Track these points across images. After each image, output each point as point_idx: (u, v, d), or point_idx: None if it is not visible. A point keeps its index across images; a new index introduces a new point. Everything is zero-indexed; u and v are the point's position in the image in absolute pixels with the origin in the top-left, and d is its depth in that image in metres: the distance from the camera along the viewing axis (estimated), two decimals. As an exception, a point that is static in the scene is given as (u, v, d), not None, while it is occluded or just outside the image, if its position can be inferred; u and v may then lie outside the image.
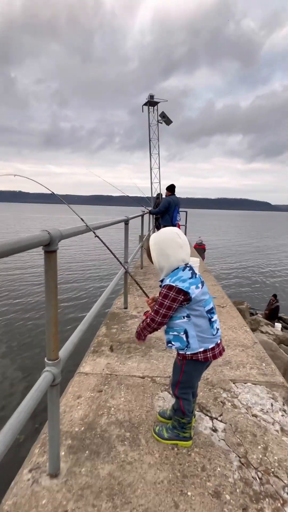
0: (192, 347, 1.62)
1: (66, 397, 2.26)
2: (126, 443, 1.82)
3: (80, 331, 1.90)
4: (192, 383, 1.76)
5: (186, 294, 1.57)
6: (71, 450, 1.76)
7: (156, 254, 1.67)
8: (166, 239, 1.65)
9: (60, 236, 1.41)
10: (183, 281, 1.57)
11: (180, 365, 1.71)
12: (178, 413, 1.77)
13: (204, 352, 1.63)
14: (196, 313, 1.61)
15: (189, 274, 1.62)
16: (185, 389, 1.75)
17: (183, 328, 1.62)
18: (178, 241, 1.63)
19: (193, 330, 1.62)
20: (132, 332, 3.45)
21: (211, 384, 2.44)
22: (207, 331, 1.63)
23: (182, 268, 1.63)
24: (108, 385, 2.41)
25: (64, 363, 1.55)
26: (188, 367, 1.69)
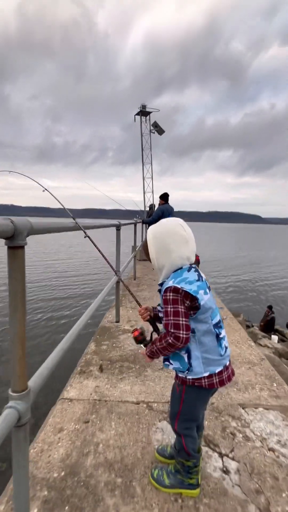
0: (195, 370, 1.28)
1: (45, 431, 1.87)
2: (116, 493, 1.44)
3: (61, 350, 1.55)
4: (196, 414, 1.40)
5: (194, 300, 1.24)
6: (46, 506, 1.37)
7: (155, 250, 1.34)
8: (168, 232, 1.33)
9: (30, 229, 1.08)
10: (190, 283, 1.25)
11: (179, 393, 1.36)
12: (181, 455, 1.41)
13: (209, 377, 1.29)
14: (203, 327, 1.28)
15: (195, 276, 1.30)
16: (187, 422, 1.39)
17: (186, 346, 1.29)
18: (183, 234, 1.32)
19: (198, 350, 1.28)
20: (124, 349, 3.08)
21: (217, 411, 2.08)
22: (214, 351, 1.30)
23: (186, 269, 1.31)
24: (96, 414, 2.03)
25: (36, 395, 1.20)
26: (190, 395, 1.34)
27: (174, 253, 1.31)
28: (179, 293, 1.24)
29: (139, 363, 2.78)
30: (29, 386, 1.14)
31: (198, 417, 1.39)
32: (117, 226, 3.63)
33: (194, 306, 1.25)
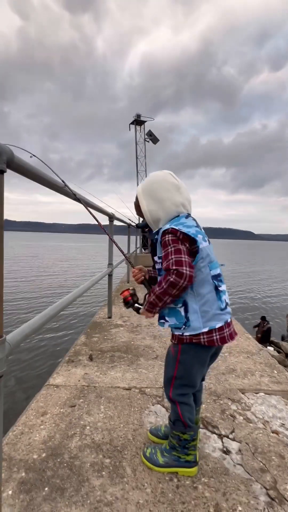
0: (193, 325, 1.16)
1: (27, 415, 1.69)
2: (104, 473, 1.28)
3: (46, 315, 1.41)
4: (192, 378, 1.24)
5: (193, 242, 1.14)
6: (23, 487, 1.20)
7: (146, 202, 1.25)
8: (158, 181, 1.25)
9: (9, 154, 0.98)
10: (188, 226, 1.16)
11: (175, 353, 1.22)
12: (177, 426, 1.26)
13: (209, 333, 1.16)
14: (200, 276, 1.17)
15: (193, 222, 1.22)
16: (183, 388, 1.24)
17: (182, 298, 1.17)
18: (174, 182, 1.24)
19: (195, 302, 1.16)
20: (116, 341, 2.92)
21: (215, 395, 1.93)
22: (213, 303, 1.17)
23: (184, 216, 1.22)
24: (83, 399, 1.86)
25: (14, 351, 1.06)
26: (186, 355, 1.20)
27: (167, 200, 1.22)
28: (177, 235, 1.14)
29: (131, 353, 2.62)
30: (5, 336, 1.01)
31: (195, 382, 1.24)
32: (110, 216, 3.53)
33: (193, 249, 1.15)
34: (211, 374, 2.22)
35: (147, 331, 3.24)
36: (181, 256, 1.11)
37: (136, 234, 10.77)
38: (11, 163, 1.01)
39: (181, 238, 1.14)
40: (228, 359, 2.53)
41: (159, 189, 1.23)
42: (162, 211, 1.23)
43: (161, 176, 1.26)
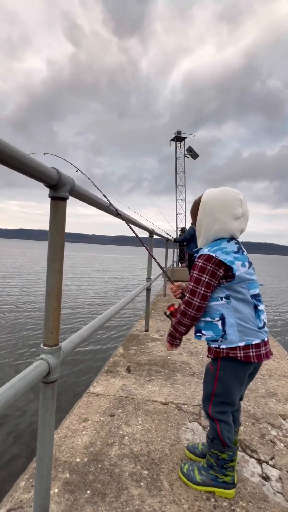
0: (230, 338, 1.19)
1: (70, 419, 1.80)
2: (142, 484, 1.32)
3: (93, 326, 1.52)
4: (231, 396, 1.25)
5: (228, 270, 1.18)
6: (67, 487, 1.29)
7: (203, 213, 1.28)
8: (222, 201, 1.24)
9: (73, 185, 1.12)
10: (226, 253, 1.20)
11: (214, 370, 1.25)
12: (215, 444, 1.27)
13: (245, 349, 1.18)
14: (239, 295, 1.21)
15: (234, 247, 1.24)
16: (222, 405, 1.26)
17: (219, 312, 1.21)
18: (237, 211, 1.23)
19: (233, 317, 1.19)
20: (153, 355, 2.96)
21: (254, 418, 1.89)
22: (251, 320, 1.20)
23: (227, 240, 1.26)
24: (122, 409, 1.93)
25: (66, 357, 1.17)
26: (224, 372, 1.23)
27: (220, 223, 1.24)
28: (211, 262, 1.19)
29: (168, 368, 2.65)
30: (60, 344, 1.13)
31: (234, 400, 1.25)
32: (150, 232, 3.65)
33: (228, 275, 1.19)
34: (250, 396, 2.18)
35: (183, 347, 3.25)
36: (198, 287, 1.19)
37: (173, 247, 10.82)
38: (72, 191, 1.15)
39: (216, 265, 1.18)
40: (268, 382, 2.45)
41: (219, 211, 1.24)
42: (209, 229, 1.26)
43: (229, 199, 1.24)
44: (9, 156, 0.76)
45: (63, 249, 1.10)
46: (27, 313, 7.68)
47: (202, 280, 1.19)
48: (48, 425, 1.09)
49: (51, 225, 1.08)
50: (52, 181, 1.01)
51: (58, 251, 1.08)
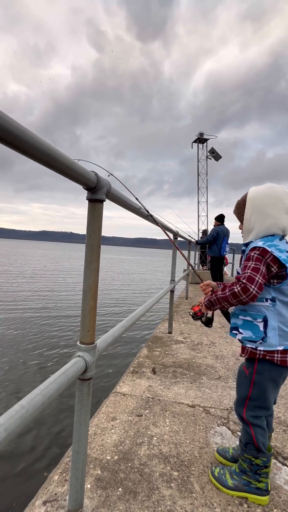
0: (269, 341, 1.16)
1: (99, 417, 1.84)
2: (173, 485, 1.32)
3: (123, 326, 1.55)
4: (266, 401, 1.23)
5: (281, 268, 1.15)
6: (99, 484, 1.31)
7: (251, 210, 1.26)
8: (272, 196, 1.23)
9: (108, 187, 1.15)
10: (280, 251, 1.16)
11: (250, 374, 1.23)
12: (249, 449, 1.25)
13: (283, 353, 1.16)
14: (285, 298, 1.18)
15: (287, 246, 1.20)
16: (257, 410, 1.24)
17: (263, 314, 1.18)
18: (287, 204, 1.22)
19: (275, 320, 1.17)
20: (178, 357, 2.95)
21: (285, 425, 1.84)
22: None
23: (278, 237, 1.22)
24: (149, 410, 1.94)
25: (101, 355, 1.20)
26: (261, 376, 1.20)
27: (272, 219, 1.22)
28: (267, 256, 1.15)
29: (194, 371, 2.63)
30: (96, 342, 1.16)
31: (269, 404, 1.23)
32: (175, 234, 3.65)
33: (280, 274, 1.16)
34: (280, 402, 2.12)
35: (208, 350, 3.21)
36: (256, 274, 1.13)
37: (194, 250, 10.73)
38: (108, 193, 1.18)
39: (270, 260, 1.15)
40: (298, 388, 2.37)
41: (270, 205, 1.23)
42: (261, 225, 1.24)
43: (278, 193, 1.23)
44: (56, 160, 0.80)
45: (100, 249, 1.13)
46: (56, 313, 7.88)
47: (261, 269, 1.14)
48: (83, 421, 1.12)
49: (88, 226, 1.11)
50: (91, 184, 1.05)
51: (95, 251, 1.11)
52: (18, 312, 7.69)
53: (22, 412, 0.74)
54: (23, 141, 0.65)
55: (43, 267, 21.02)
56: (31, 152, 0.70)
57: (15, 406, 0.75)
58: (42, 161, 0.77)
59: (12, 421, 0.70)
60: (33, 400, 0.79)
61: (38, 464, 2.42)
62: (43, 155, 0.74)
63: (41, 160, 0.76)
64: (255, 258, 1.16)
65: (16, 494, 2.10)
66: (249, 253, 1.20)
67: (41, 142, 0.72)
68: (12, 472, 2.31)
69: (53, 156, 0.78)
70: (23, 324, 6.65)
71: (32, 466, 2.39)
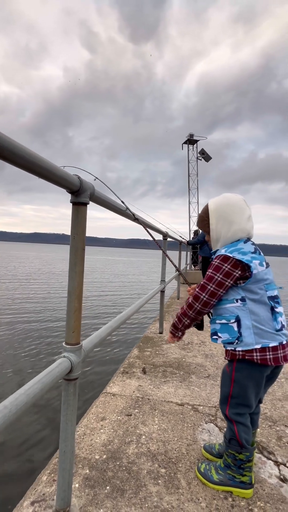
0: (245, 341, 1.20)
1: (88, 418, 1.85)
2: (160, 482, 1.35)
3: (110, 327, 1.57)
4: (248, 398, 1.26)
5: (245, 269, 1.20)
6: (87, 483, 1.33)
7: (216, 220, 1.32)
8: (232, 204, 1.30)
9: (92, 190, 1.17)
10: (243, 253, 1.22)
11: (230, 372, 1.27)
12: (232, 445, 1.28)
13: (262, 351, 1.19)
14: (255, 296, 1.22)
15: (251, 248, 1.26)
16: (239, 407, 1.27)
17: (235, 314, 1.22)
18: (246, 211, 1.30)
19: (248, 319, 1.21)
20: (168, 357, 2.99)
21: (271, 420, 1.88)
22: (267, 322, 1.21)
23: (243, 240, 1.28)
24: (139, 409, 1.96)
25: (86, 357, 1.22)
26: (240, 373, 1.24)
27: (236, 225, 1.28)
28: (228, 262, 1.21)
29: (183, 370, 2.66)
30: (82, 343, 1.17)
31: (250, 402, 1.26)
32: (164, 235, 3.68)
33: (245, 275, 1.21)
34: (267, 399, 2.17)
35: (198, 349, 3.25)
36: (209, 283, 1.22)
37: (186, 250, 10.80)
38: (92, 196, 1.20)
39: (232, 265, 1.20)
40: (284, 385, 2.42)
41: (232, 213, 1.29)
42: (228, 232, 1.29)
43: (236, 201, 1.31)
44: (37, 165, 0.82)
45: (84, 251, 1.15)
46: (48, 314, 7.84)
47: (215, 278, 1.21)
48: (70, 420, 1.13)
49: (72, 229, 1.13)
50: (74, 187, 1.07)
51: (79, 253, 1.13)
52: (13, 314, 7.63)
53: (5, 412, 0.75)
54: (1, 148, 0.67)
55: (38, 270, 20.85)
56: (10, 158, 0.71)
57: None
58: (22, 167, 0.79)
59: (-5, 421, 0.72)
60: (17, 400, 0.81)
61: (28, 464, 2.42)
62: (23, 161, 0.76)
63: (21, 165, 0.78)
64: (214, 267, 1.23)
65: (4, 495, 2.09)
66: (213, 261, 1.26)
67: (20, 148, 0.74)
68: (2, 472, 2.31)
69: (33, 162, 0.80)
70: (15, 325, 6.60)
71: (22, 467, 2.39)
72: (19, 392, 0.83)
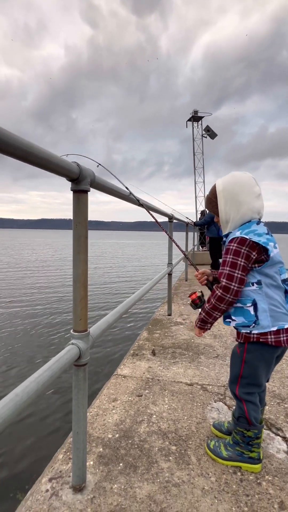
0: (262, 324, 1.20)
1: (100, 399, 1.91)
2: (171, 458, 1.40)
3: (118, 312, 1.59)
4: (258, 378, 1.28)
5: (262, 252, 1.18)
6: (101, 460, 1.39)
7: (224, 201, 1.28)
8: (240, 183, 1.27)
9: (92, 176, 1.15)
10: (259, 235, 1.19)
11: (241, 353, 1.28)
12: (241, 423, 1.32)
13: (276, 333, 1.20)
14: (270, 281, 1.21)
15: (265, 229, 1.24)
16: (249, 387, 1.30)
17: (251, 298, 1.21)
18: (255, 189, 1.26)
19: (265, 302, 1.20)
20: (177, 338, 3.03)
21: (279, 398, 1.92)
22: (282, 305, 1.22)
23: (255, 222, 1.25)
24: (149, 390, 2.01)
25: (95, 342, 1.24)
26: (252, 354, 1.25)
27: (246, 204, 1.25)
28: (245, 244, 1.18)
29: (192, 351, 2.70)
30: (89, 330, 1.19)
31: (261, 381, 1.28)
32: (170, 217, 3.64)
33: (261, 259, 1.19)
34: (275, 377, 2.19)
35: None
36: (234, 270, 1.18)
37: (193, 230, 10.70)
38: (93, 183, 1.18)
39: (249, 247, 1.18)
40: (293, 363, 2.44)
41: (241, 192, 1.26)
42: (237, 214, 1.26)
43: (245, 179, 1.27)
44: (33, 154, 0.80)
45: (87, 239, 1.15)
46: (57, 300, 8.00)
47: (238, 263, 1.18)
48: (81, 404, 1.17)
49: (74, 217, 1.12)
50: (73, 175, 1.05)
51: (82, 241, 1.13)
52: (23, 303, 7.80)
53: (17, 399, 0.78)
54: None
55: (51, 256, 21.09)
56: (4, 149, 0.70)
57: (10, 394, 0.79)
58: (18, 157, 0.77)
59: (7, 409, 0.74)
60: (27, 387, 0.83)
61: (45, 443, 2.54)
62: (18, 151, 0.74)
63: (16, 156, 0.76)
64: (233, 251, 1.20)
65: (23, 472, 2.22)
66: (228, 245, 1.23)
67: (15, 138, 0.72)
68: (21, 452, 2.43)
69: (28, 151, 0.78)
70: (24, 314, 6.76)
71: (40, 446, 2.52)
72: (30, 380, 0.86)
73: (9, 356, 4.38)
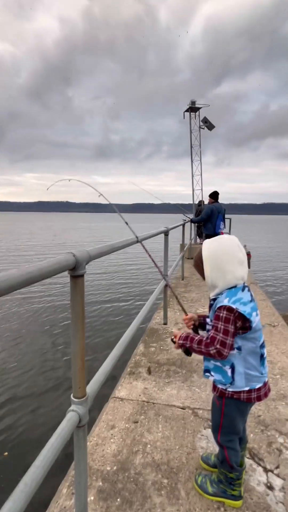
0: (237, 384, 1.35)
1: (99, 426, 2.08)
2: (163, 493, 1.58)
3: (114, 357, 1.72)
4: (236, 427, 1.45)
5: (246, 322, 1.30)
6: (101, 495, 1.56)
7: (210, 269, 1.38)
8: (225, 253, 1.36)
9: (88, 258, 1.24)
10: (244, 304, 1.31)
11: (219, 406, 1.44)
12: (224, 466, 1.48)
13: (248, 392, 1.36)
14: (250, 346, 1.34)
15: (249, 296, 1.35)
16: (229, 435, 1.46)
17: (230, 362, 1.35)
18: (239, 256, 1.35)
19: (242, 366, 1.34)
20: (171, 352, 3.20)
21: (263, 424, 2.09)
22: (256, 369, 1.36)
23: (241, 288, 1.36)
24: (144, 415, 2.19)
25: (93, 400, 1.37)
26: (229, 408, 1.41)
27: (230, 274, 1.34)
28: (233, 313, 1.29)
29: (186, 368, 2.87)
30: (87, 392, 1.32)
31: (239, 430, 1.45)
32: (165, 232, 3.73)
33: (244, 326, 1.31)
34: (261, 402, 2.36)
35: (200, 342, 3.45)
36: (227, 338, 1.29)
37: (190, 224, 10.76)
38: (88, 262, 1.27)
39: (236, 317, 1.29)
40: (279, 382, 2.62)
41: (224, 261, 1.34)
42: (222, 281, 1.36)
43: (229, 247, 1.36)
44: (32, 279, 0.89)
45: (84, 317, 1.25)
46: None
47: (230, 330, 1.29)
48: (82, 460, 1.31)
49: (72, 300, 1.22)
50: (71, 267, 1.14)
51: (80, 320, 1.23)
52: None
53: (26, 489, 0.91)
54: None
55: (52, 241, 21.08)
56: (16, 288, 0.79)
57: (20, 484, 0.92)
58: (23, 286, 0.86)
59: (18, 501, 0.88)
60: (34, 473, 0.96)
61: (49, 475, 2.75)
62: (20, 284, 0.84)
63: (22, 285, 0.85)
64: (224, 319, 1.30)
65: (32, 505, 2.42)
66: (217, 312, 1.33)
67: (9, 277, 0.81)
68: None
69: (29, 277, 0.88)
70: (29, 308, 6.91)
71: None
72: (35, 465, 0.99)
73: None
